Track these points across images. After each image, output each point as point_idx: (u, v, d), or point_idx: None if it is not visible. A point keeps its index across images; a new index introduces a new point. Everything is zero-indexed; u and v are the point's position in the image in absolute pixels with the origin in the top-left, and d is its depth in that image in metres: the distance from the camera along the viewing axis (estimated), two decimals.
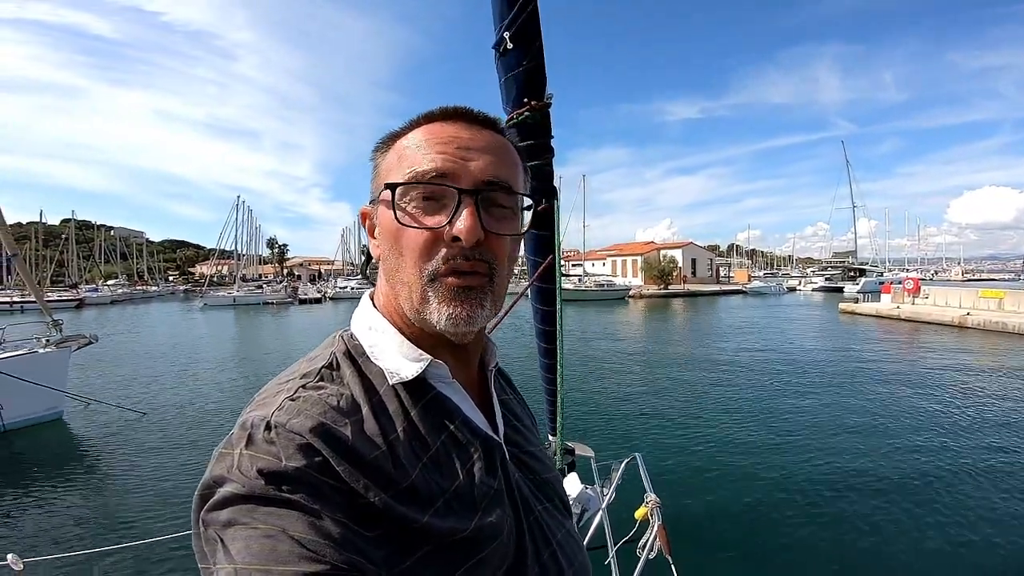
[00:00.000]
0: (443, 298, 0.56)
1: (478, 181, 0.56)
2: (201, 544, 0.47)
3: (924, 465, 6.73)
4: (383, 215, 0.59)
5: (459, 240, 0.55)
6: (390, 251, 0.59)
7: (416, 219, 0.56)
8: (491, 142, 0.60)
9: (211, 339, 22.91)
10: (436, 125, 0.60)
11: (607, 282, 48.86)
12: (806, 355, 15.63)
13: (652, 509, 2.19)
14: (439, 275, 0.56)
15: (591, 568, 0.71)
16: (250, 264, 63.58)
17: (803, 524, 5.31)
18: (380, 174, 0.61)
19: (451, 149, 0.57)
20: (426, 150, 0.57)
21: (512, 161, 0.62)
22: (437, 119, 0.60)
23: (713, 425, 8.69)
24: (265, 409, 0.51)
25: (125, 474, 6.91)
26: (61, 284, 62.60)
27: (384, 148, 0.62)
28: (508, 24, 1.42)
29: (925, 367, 13.35)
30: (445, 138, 0.58)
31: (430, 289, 0.56)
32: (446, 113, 0.61)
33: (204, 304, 44.00)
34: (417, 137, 0.59)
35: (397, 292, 0.59)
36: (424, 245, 0.56)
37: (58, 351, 9.18)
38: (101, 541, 4.76)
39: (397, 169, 0.58)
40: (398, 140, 0.61)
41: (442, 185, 0.56)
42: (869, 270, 55.70)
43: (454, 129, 0.59)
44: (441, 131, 0.59)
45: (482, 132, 0.60)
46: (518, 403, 0.80)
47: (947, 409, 9.37)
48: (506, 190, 0.59)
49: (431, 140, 0.58)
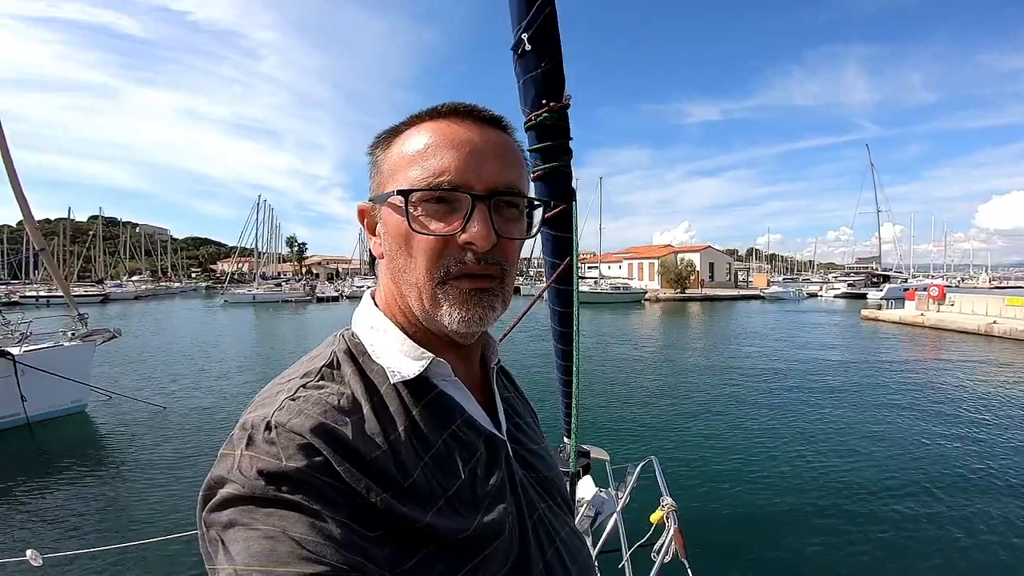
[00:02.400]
0: (455, 301, 0.56)
1: (490, 187, 0.56)
2: (205, 545, 0.47)
3: (948, 475, 6.58)
4: (389, 216, 0.58)
5: (473, 245, 0.55)
6: (398, 252, 0.58)
7: (427, 225, 0.55)
8: (499, 143, 0.59)
9: (231, 336, 23.31)
10: (443, 123, 0.58)
11: (623, 285, 48.54)
12: (826, 362, 15.36)
13: (668, 513, 2.17)
14: (451, 278, 0.56)
15: (595, 566, 0.71)
16: (270, 262, 64.58)
17: (820, 531, 5.23)
18: (383, 172, 0.60)
19: (463, 153, 0.56)
20: (436, 153, 0.56)
21: (519, 162, 0.61)
22: (443, 116, 0.59)
23: (730, 430, 8.59)
24: (265, 409, 0.51)
25: (145, 468, 7.02)
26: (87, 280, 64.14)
27: (384, 144, 0.61)
28: (526, 26, 1.42)
29: (949, 376, 13.04)
30: (456, 140, 0.56)
31: (440, 292, 0.56)
32: (454, 111, 0.59)
33: (225, 301, 44.76)
34: (425, 136, 0.57)
35: (405, 293, 0.59)
36: (437, 249, 0.55)
37: (83, 345, 9.38)
38: (120, 537, 4.77)
39: (405, 170, 0.57)
40: (401, 136, 0.59)
41: (456, 192, 0.55)
42: (893, 276, 54.56)
43: (463, 130, 0.57)
44: (450, 131, 0.57)
45: (490, 132, 0.59)
46: (520, 400, 0.79)
47: (970, 419, 9.15)
48: (516, 195, 0.58)
49: (441, 142, 0.56)
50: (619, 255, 66.27)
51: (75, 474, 6.89)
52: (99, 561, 4.54)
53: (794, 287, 58.04)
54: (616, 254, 66.90)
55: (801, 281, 76.96)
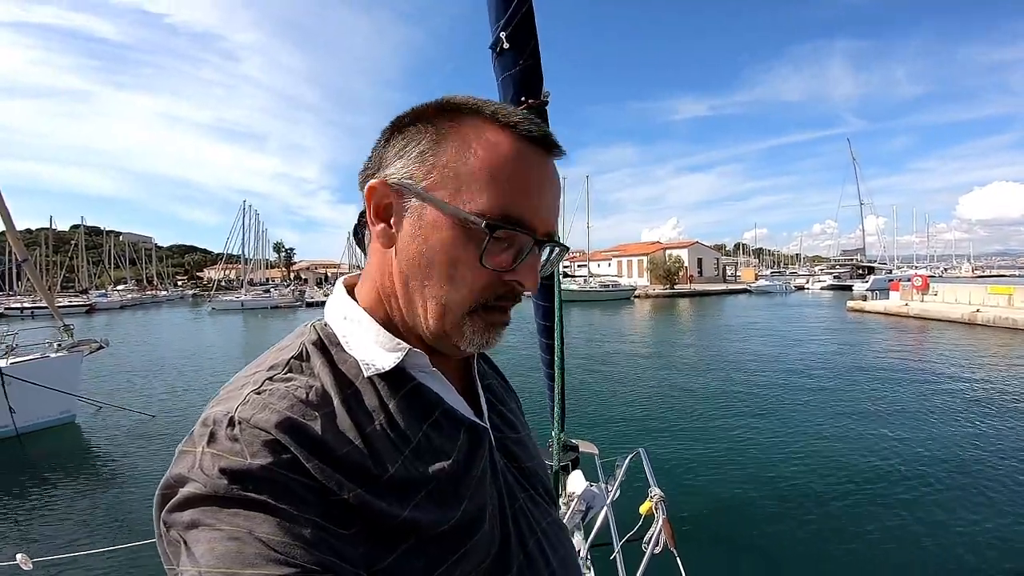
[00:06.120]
0: (479, 329, 0.55)
1: (546, 232, 0.56)
2: (164, 546, 0.45)
3: (932, 462, 6.69)
4: (433, 221, 0.53)
5: (522, 288, 0.56)
6: (430, 266, 0.54)
7: (488, 260, 0.53)
8: (557, 183, 0.58)
9: (220, 343, 23.11)
10: (523, 147, 0.54)
11: (612, 282, 48.77)
12: (812, 353, 15.55)
13: (656, 503, 2.19)
14: (483, 308, 0.55)
15: (576, 556, 0.72)
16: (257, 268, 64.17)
17: (807, 518, 5.32)
18: (434, 165, 0.54)
19: (538, 190, 0.55)
20: (516, 183, 0.53)
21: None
22: (520, 133, 0.54)
23: (718, 421, 8.69)
24: (229, 404, 0.49)
25: (135, 475, 6.99)
26: (71, 290, 63.29)
27: (437, 129, 0.55)
28: (504, 24, 1.45)
29: (934, 364, 13.27)
30: (535, 175, 0.55)
31: (468, 319, 0.55)
32: (530, 132, 0.55)
33: (212, 308, 44.25)
34: (505, 155, 0.53)
35: (415, 302, 0.56)
36: (487, 285, 0.54)
37: (70, 356, 9.29)
38: (109, 541, 4.77)
39: (475, 184, 0.53)
40: (467, 132, 0.54)
41: (526, 234, 0.54)
42: (878, 268, 55.41)
43: (539, 160, 0.56)
44: (529, 159, 0.55)
45: (553, 167, 0.58)
46: (502, 386, 0.77)
47: (956, 406, 9.32)
48: (557, 243, 0.59)
49: (522, 171, 0.54)
50: (608, 253, 66.61)
51: (65, 482, 6.85)
52: (89, 564, 4.52)
53: (782, 280, 58.62)
54: (605, 252, 67.25)
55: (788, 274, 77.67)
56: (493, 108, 0.55)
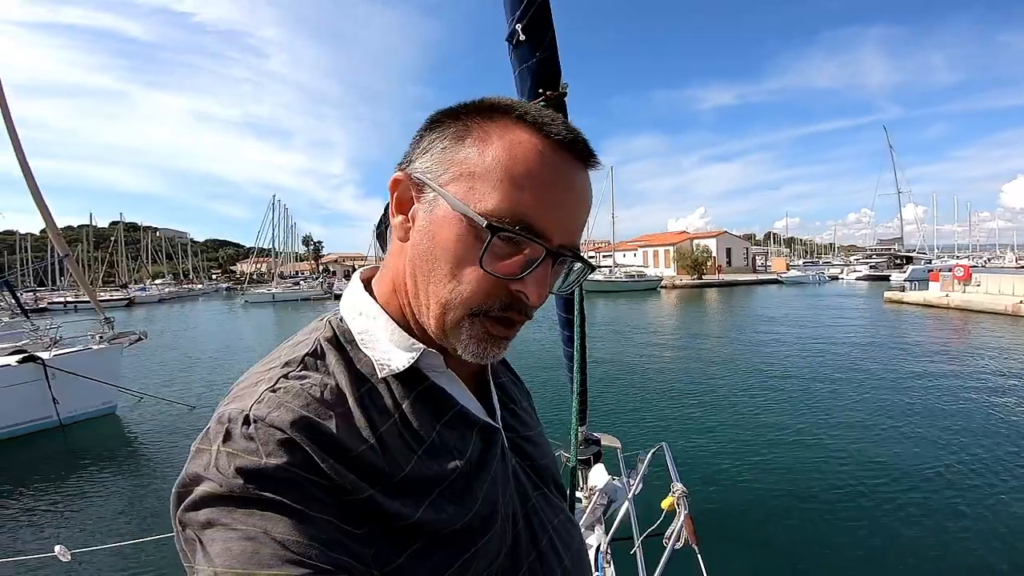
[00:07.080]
0: (477, 336, 0.53)
1: (563, 244, 0.52)
2: (180, 544, 0.45)
3: (970, 462, 6.43)
4: (444, 217, 0.52)
5: (525, 298, 0.52)
6: (437, 263, 0.53)
7: (493, 263, 0.50)
8: (587, 194, 0.55)
9: (254, 334, 23.77)
10: (548, 148, 0.52)
11: (638, 273, 48.19)
12: (846, 346, 15.10)
13: (679, 499, 2.17)
14: (484, 314, 0.52)
15: (587, 553, 0.72)
16: (287, 261, 65.50)
17: (833, 517, 5.18)
18: (455, 162, 0.52)
19: (560, 200, 0.52)
20: (535, 185, 0.50)
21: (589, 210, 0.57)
22: (546, 131, 0.52)
23: (745, 415, 8.53)
24: (244, 402, 0.48)
25: (175, 466, 7.10)
26: (112, 284, 65.81)
27: (464, 126, 0.53)
28: (520, 16, 1.43)
29: (976, 359, 12.72)
30: (558, 182, 0.52)
31: (468, 322, 0.53)
32: (559, 135, 0.52)
33: (245, 301, 45.53)
34: (529, 157, 0.51)
35: (420, 299, 0.55)
36: (490, 291, 0.52)
37: (111, 347, 9.62)
38: (145, 532, 4.82)
39: (491, 181, 0.50)
40: (491, 126, 0.52)
41: (537, 242, 0.50)
42: (916, 257, 53.34)
43: (566, 167, 0.52)
44: (556, 164, 0.52)
45: (584, 176, 0.55)
46: (515, 383, 0.77)
47: (998, 403, 8.93)
48: (576, 256, 0.55)
49: (546, 175, 0.51)
50: (633, 243, 65.74)
51: (105, 473, 7.09)
52: (127, 554, 4.64)
53: (815, 270, 57.06)
54: (630, 242, 66.36)
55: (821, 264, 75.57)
56: (525, 108, 0.53)
